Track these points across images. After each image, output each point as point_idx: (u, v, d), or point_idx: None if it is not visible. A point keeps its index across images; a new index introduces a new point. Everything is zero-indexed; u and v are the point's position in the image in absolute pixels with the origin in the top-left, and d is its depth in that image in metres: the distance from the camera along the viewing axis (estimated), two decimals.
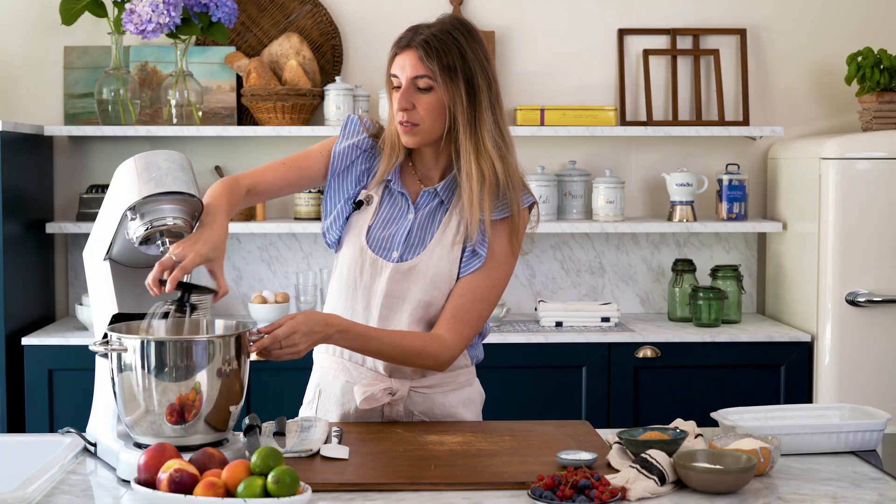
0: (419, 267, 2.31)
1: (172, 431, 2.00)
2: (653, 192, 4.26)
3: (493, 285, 2.33)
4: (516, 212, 2.32)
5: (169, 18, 3.74)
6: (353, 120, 2.42)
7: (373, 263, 2.33)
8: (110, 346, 2.02)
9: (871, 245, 3.68)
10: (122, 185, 2.11)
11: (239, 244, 4.20)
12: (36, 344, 3.68)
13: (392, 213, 2.37)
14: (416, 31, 2.30)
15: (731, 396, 3.66)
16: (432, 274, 2.31)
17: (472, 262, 2.32)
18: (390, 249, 2.34)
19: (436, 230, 2.34)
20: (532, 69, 4.22)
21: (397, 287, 2.32)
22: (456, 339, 2.29)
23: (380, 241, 2.35)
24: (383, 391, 2.32)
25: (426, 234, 2.34)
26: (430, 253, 2.32)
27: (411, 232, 2.34)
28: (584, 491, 1.84)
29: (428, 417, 2.39)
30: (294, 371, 3.69)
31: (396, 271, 2.32)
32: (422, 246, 2.33)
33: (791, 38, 4.25)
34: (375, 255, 2.33)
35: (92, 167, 4.15)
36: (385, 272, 2.32)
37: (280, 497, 1.77)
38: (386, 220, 2.37)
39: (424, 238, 2.34)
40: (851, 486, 1.97)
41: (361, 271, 2.34)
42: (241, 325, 2.13)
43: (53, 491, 1.95)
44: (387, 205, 2.38)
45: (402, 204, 2.37)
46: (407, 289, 2.31)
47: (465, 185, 2.29)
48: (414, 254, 2.33)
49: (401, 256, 2.33)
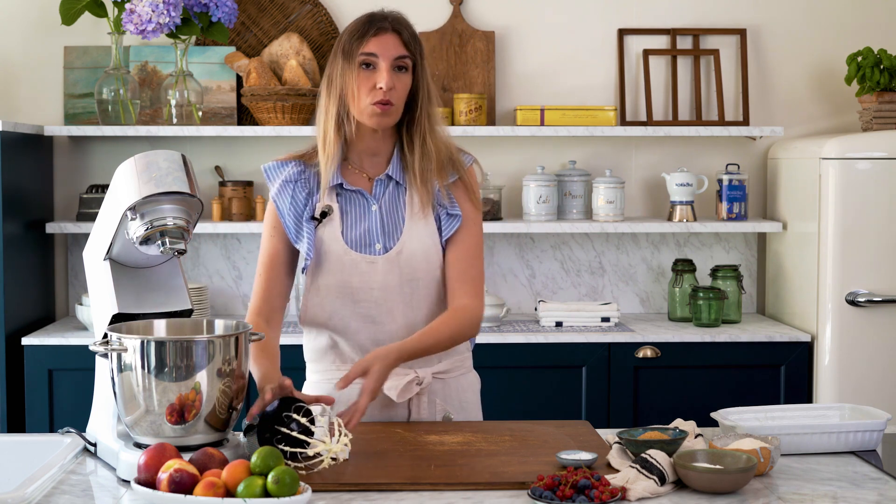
0: (407, 248, 2.38)
1: (172, 431, 2.01)
2: (653, 192, 4.26)
3: (478, 241, 2.45)
4: (464, 172, 2.45)
5: (169, 18, 3.74)
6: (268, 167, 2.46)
7: (362, 262, 2.37)
8: (110, 346, 2.02)
9: (871, 245, 3.68)
10: (122, 185, 2.11)
11: (239, 244, 4.20)
12: (36, 344, 3.68)
13: (357, 212, 2.41)
14: (385, 17, 2.37)
15: (731, 396, 3.66)
16: (423, 250, 2.39)
17: (452, 223, 2.42)
18: (371, 244, 2.39)
19: (404, 211, 2.41)
20: (532, 69, 4.22)
21: (393, 276, 2.37)
22: (475, 299, 2.41)
23: (358, 240, 2.39)
24: (410, 382, 2.38)
25: (397, 217, 2.41)
26: (409, 233, 2.39)
27: (383, 221, 2.40)
28: (584, 491, 1.84)
29: (446, 405, 2.44)
30: (294, 371, 3.68)
31: (388, 261, 2.37)
32: (398, 230, 2.40)
33: (791, 38, 4.25)
34: (361, 254, 2.38)
35: (92, 167, 4.15)
36: (377, 266, 2.37)
37: (280, 497, 1.77)
38: (354, 221, 2.41)
39: (397, 222, 2.41)
40: (851, 486, 1.97)
41: (353, 273, 2.37)
42: (241, 325, 2.13)
43: (53, 491, 1.95)
44: (347, 207, 2.42)
45: (361, 200, 2.42)
46: (402, 275, 2.38)
47: (420, 161, 2.39)
48: (395, 239, 2.39)
49: (384, 247, 2.38)
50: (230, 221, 4.00)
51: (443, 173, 2.41)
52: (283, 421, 2.01)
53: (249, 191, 4.05)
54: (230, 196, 4.02)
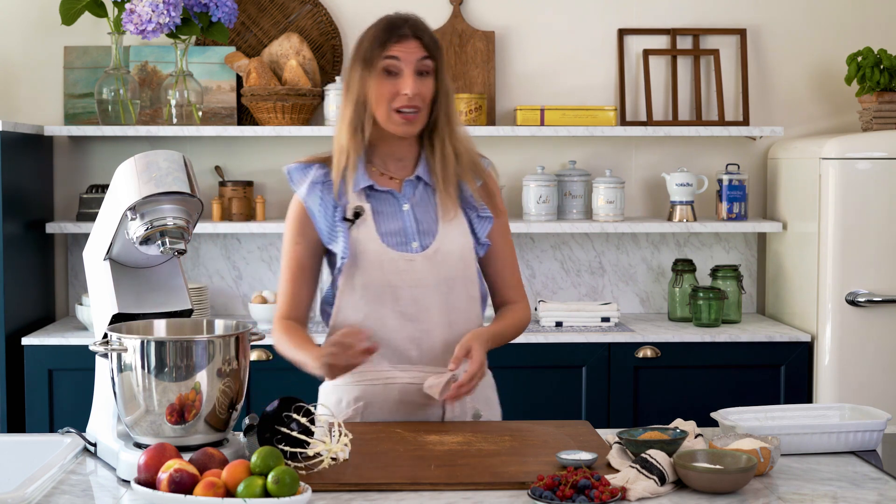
0: (443, 248, 2.40)
1: (172, 431, 2.01)
2: (653, 192, 4.26)
3: (510, 244, 2.54)
4: (487, 177, 2.48)
5: (169, 18, 3.74)
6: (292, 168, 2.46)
7: (400, 260, 2.38)
8: (110, 346, 2.02)
9: (871, 245, 3.68)
10: (122, 185, 2.11)
11: (239, 244, 4.20)
12: (36, 344, 3.68)
13: (389, 212, 2.41)
14: (404, 21, 2.36)
15: (731, 396, 3.66)
16: (458, 249, 2.41)
17: (484, 226, 2.45)
18: (408, 242, 2.39)
19: (436, 211, 2.42)
20: (532, 69, 4.22)
21: (431, 274, 2.39)
22: (525, 299, 2.56)
23: (394, 239, 2.39)
24: (449, 381, 2.38)
25: (430, 217, 2.42)
26: (444, 232, 2.40)
27: (417, 220, 2.41)
28: (584, 491, 1.84)
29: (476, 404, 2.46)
30: (294, 371, 3.69)
31: (426, 259, 2.38)
32: (434, 229, 2.41)
33: (791, 38, 4.25)
34: (399, 252, 2.38)
35: (92, 167, 4.15)
36: (416, 263, 2.38)
37: (280, 497, 1.77)
38: (388, 220, 2.41)
39: (430, 221, 2.41)
40: (851, 486, 1.97)
41: (391, 271, 2.37)
42: (241, 325, 2.13)
43: (53, 491, 1.95)
44: (379, 207, 2.41)
45: (392, 200, 2.42)
46: (439, 273, 2.39)
47: (442, 163, 2.40)
48: (431, 238, 2.40)
49: (421, 245, 2.39)
50: (230, 221, 4.00)
51: (469, 175, 2.43)
52: (283, 421, 2.01)
53: (249, 191, 4.05)
54: (230, 196, 4.02)
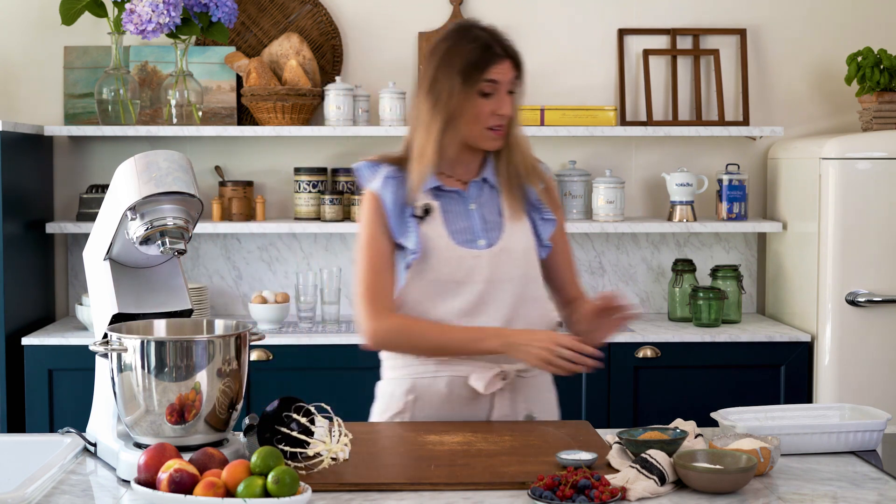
0: (509, 246, 2.44)
1: (172, 431, 2.01)
2: (653, 192, 4.26)
3: (568, 243, 2.62)
4: (546, 179, 2.57)
5: (169, 18, 3.74)
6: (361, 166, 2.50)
7: (468, 257, 2.41)
8: (110, 346, 2.02)
9: (871, 245, 3.68)
10: (122, 185, 2.11)
11: (239, 244, 4.20)
12: (36, 344, 3.68)
13: (456, 210, 2.46)
14: (496, 40, 2.47)
15: (731, 396, 3.66)
16: (522, 249, 2.46)
17: (547, 228, 2.51)
18: (474, 240, 2.43)
19: (502, 211, 2.47)
20: (532, 69, 4.15)
21: (497, 271, 2.42)
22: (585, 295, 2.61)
23: (462, 236, 2.43)
24: (496, 376, 2.41)
25: (496, 217, 2.47)
26: (510, 232, 2.45)
27: (484, 219, 2.46)
28: (584, 491, 1.84)
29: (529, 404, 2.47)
30: (293, 371, 3.69)
31: (493, 256, 2.42)
32: (500, 228, 2.45)
33: (791, 38, 4.25)
34: (466, 248, 2.42)
35: (92, 167, 4.15)
36: (482, 260, 2.41)
37: (280, 497, 1.77)
38: (455, 218, 2.45)
39: (497, 221, 2.46)
40: (851, 486, 1.97)
41: (459, 267, 2.41)
42: (241, 325, 2.13)
43: (53, 491, 1.95)
44: (446, 206, 2.45)
45: (459, 200, 2.47)
46: (504, 270, 2.43)
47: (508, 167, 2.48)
48: (498, 237, 2.44)
49: (488, 243, 2.43)
50: (230, 221, 4.00)
51: (534, 178, 2.50)
52: (283, 421, 2.01)
53: (249, 191, 4.06)
54: (230, 196, 4.02)
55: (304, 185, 4.02)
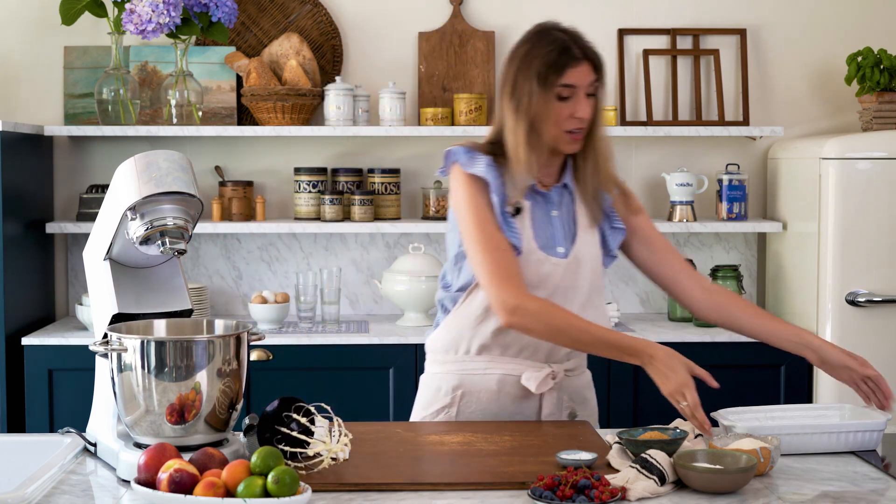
0: (581, 256, 2.44)
1: (172, 431, 2.01)
2: (653, 192, 4.26)
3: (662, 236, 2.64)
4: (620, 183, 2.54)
5: (169, 18, 3.74)
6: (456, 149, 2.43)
7: (546, 263, 2.41)
8: (110, 346, 2.02)
9: (871, 245, 3.68)
10: (122, 185, 2.11)
11: (239, 244, 4.20)
12: (36, 344, 3.68)
13: (541, 215, 2.44)
14: (574, 42, 2.42)
15: (731, 396, 3.64)
16: (591, 259, 2.46)
17: (617, 236, 2.51)
18: (554, 247, 2.43)
19: (577, 220, 2.46)
20: None
21: (567, 279, 2.42)
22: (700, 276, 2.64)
23: (544, 241, 2.42)
24: (547, 376, 2.42)
25: (572, 225, 2.46)
26: (582, 241, 2.45)
27: (564, 227, 2.45)
28: (584, 491, 1.84)
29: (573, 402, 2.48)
30: (293, 371, 3.69)
31: (568, 265, 2.42)
32: (574, 237, 2.45)
33: (791, 38, 4.25)
34: (546, 254, 2.41)
35: (92, 167, 4.15)
36: (559, 268, 2.41)
37: (280, 497, 1.77)
38: (540, 223, 2.43)
39: (573, 229, 2.46)
40: (851, 486, 1.97)
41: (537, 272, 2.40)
42: (241, 325, 2.13)
43: (53, 491, 1.95)
44: (533, 207, 2.44)
45: (544, 203, 2.45)
46: (574, 280, 2.43)
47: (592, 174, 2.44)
48: (573, 246, 2.44)
49: (565, 252, 2.43)
50: (230, 221, 4.00)
51: (610, 185, 2.48)
52: (283, 421, 2.01)
53: (249, 191, 4.06)
54: (230, 196, 4.02)
55: (304, 185, 4.02)
